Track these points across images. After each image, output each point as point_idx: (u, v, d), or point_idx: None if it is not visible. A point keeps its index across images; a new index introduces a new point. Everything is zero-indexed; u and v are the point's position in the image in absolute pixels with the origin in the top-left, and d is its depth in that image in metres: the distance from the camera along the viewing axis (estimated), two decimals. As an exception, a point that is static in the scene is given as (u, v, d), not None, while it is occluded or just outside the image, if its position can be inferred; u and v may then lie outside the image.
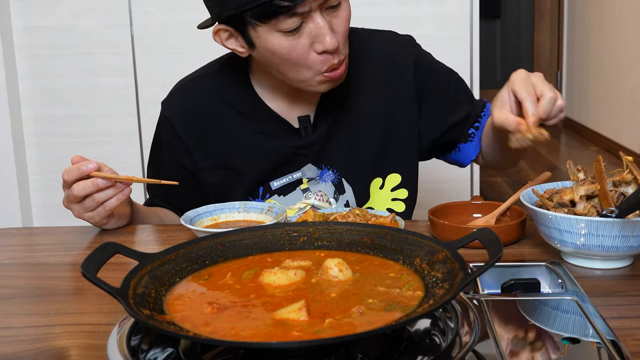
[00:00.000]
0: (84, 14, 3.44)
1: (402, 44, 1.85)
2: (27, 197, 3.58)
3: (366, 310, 0.98)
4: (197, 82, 1.84)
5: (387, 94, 1.81)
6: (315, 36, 1.58)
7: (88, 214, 1.64)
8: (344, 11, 1.61)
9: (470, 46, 3.40)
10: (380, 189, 1.83)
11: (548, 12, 7.61)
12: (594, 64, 6.63)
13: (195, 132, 1.79)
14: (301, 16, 1.54)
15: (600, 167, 1.32)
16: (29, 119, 3.53)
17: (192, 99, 1.81)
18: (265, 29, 1.56)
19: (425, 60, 1.86)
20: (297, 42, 1.57)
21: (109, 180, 1.62)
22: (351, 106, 1.80)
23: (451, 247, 1.09)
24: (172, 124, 1.80)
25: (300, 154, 1.79)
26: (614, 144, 6.06)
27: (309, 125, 1.79)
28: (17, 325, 1.20)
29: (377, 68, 1.82)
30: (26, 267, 1.53)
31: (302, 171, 1.80)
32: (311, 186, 1.80)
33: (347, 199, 1.82)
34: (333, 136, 1.79)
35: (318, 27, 1.57)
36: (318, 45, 1.58)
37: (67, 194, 1.63)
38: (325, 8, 1.57)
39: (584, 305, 1.14)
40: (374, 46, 1.84)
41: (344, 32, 1.62)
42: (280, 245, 1.25)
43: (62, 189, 1.65)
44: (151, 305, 1.01)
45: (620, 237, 1.28)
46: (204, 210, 1.65)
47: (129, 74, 3.49)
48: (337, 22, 1.60)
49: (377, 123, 1.81)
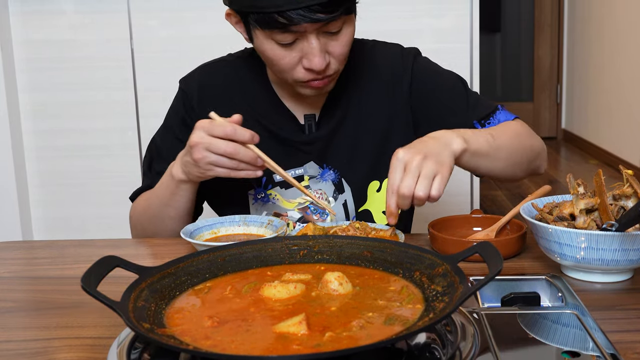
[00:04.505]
0: (84, 28, 3.44)
1: (404, 55, 1.86)
2: (27, 210, 3.58)
3: (366, 324, 0.98)
4: (216, 66, 1.91)
5: (388, 100, 1.84)
6: (305, 53, 1.62)
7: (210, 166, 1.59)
8: (345, 36, 1.64)
9: (470, 59, 3.41)
10: (377, 192, 1.86)
11: (548, 26, 7.62)
12: (594, 77, 6.63)
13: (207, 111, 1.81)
14: (296, 34, 1.59)
15: (600, 181, 1.32)
16: (29, 132, 3.53)
17: (210, 79, 1.88)
18: (262, 34, 1.62)
19: (422, 69, 1.86)
20: (288, 54, 1.63)
21: (263, 161, 1.60)
22: (355, 109, 1.84)
23: (451, 260, 1.09)
24: (190, 98, 1.86)
25: (303, 151, 1.83)
26: (614, 157, 6.06)
27: (314, 123, 1.83)
28: (17, 339, 1.20)
29: (381, 76, 1.85)
30: (26, 281, 1.53)
31: (304, 168, 1.84)
32: (312, 184, 1.84)
33: (345, 199, 1.85)
34: (336, 136, 1.84)
35: (310, 47, 1.61)
36: (306, 62, 1.63)
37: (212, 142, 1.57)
38: (324, 31, 1.60)
39: (584, 319, 1.14)
40: (379, 55, 1.87)
41: (340, 54, 1.66)
42: (280, 258, 1.25)
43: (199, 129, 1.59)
44: (151, 318, 1.01)
45: (620, 251, 1.28)
46: (204, 224, 1.65)
47: (129, 88, 3.49)
48: (333, 44, 1.64)
49: (377, 128, 1.84)
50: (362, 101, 1.84)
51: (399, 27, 3.38)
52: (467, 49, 3.41)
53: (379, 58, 1.87)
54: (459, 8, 3.39)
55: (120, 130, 3.53)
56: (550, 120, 7.74)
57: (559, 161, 6.81)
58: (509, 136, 1.72)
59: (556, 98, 7.70)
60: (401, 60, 1.85)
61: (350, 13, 1.63)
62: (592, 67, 6.68)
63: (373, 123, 1.84)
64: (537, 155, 1.81)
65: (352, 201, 1.85)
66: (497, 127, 1.76)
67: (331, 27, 1.60)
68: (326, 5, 1.54)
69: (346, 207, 1.85)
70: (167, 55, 3.44)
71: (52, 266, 1.59)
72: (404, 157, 1.47)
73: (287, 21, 1.54)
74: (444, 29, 3.40)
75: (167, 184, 1.75)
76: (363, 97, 1.84)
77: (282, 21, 1.55)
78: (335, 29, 1.61)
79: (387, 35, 1.94)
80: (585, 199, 1.36)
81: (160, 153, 1.88)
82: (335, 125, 1.83)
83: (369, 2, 3.34)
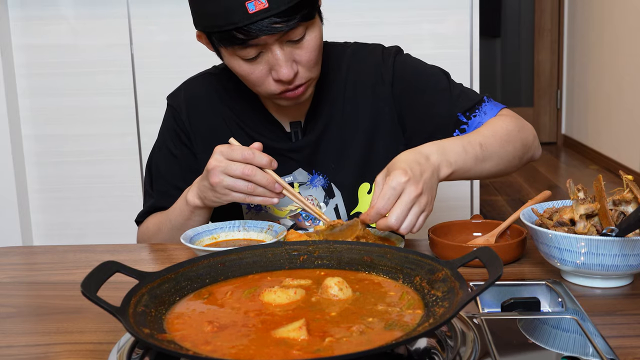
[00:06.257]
0: (84, 33, 3.45)
1: (384, 55, 1.85)
2: (27, 216, 3.58)
3: (366, 329, 0.98)
4: (202, 78, 1.92)
5: (371, 101, 1.84)
6: (272, 65, 1.62)
7: (227, 190, 1.59)
8: (310, 42, 1.63)
9: (470, 65, 3.41)
10: (368, 194, 1.86)
11: (548, 31, 7.62)
12: (594, 82, 6.64)
13: (197, 123, 1.85)
14: (259, 47, 1.59)
15: (600, 186, 1.32)
16: (29, 138, 3.53)
17: (196, 92, 1.89)
18: (226, 52, 1.63)
19: (403, 66, 1.84)
20: (255, 68, 1.63)
21: (280, 186, 1.60)
22: (339, 113, 1.84)
23: (451, 265, 1.09)
24: (179, 113, 1.87)
25: (291, 158, 1.83)
26: (614, 162, 6.06)
27: (300, 130, 1.83)
28: (17, 344, 1.20)
29: (362, 78, 1.84)
30: (26, 286, 1.53)
31: (294, 175, 1.84)
32: (302, 190, 1.84)
33: (336, 203, 1.85)
34: (322, 142, 1.83)
35: (275, 58, 1.60)
36: (274, 73, 1.63)
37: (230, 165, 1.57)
38: (286, 41, 1.60)
39: (584, 324, 1.14)
40: (360, 58, 1.86)
41: (307, 61, 1.64)
42: (280, 264, 1.25)
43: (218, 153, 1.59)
44: (151, 324, 1.01)
45: (620, 256, 1.28)
46: (204, 229, 1.65)
47: (129, 93, 3.49)
48: (299, 52, 1.63)
49: (363, 130, 1.84)
50: (346, 104, 1.84)
51: (398, 32, 3.38)
52: (467, 55, 3.41)
53: (360, 60, 1.86)
54: (459, 13, 3.39)
55: (120, 136, 3.53)
56: (550, 126, 7.74)
57: (559, 166, 6.81)
58: (499, 141, 1.68)
59: (556, 103, 7.70)
60: (382, 60, 1.84)
61: (311, 19, 1.61)
62: (592, 72, 6.68)
63: (358, 125, 1.84)
64: (529, 148, 1.78)
65: (343, 205, 1.86)
66: (486, 130, 1.70)
67: (292, 35, 1.59)
68: (281, 15, 1.53)
69: (337, 211, 1.86)
70: (167, 60, 3.45)
71: (52, 271, 1.59)
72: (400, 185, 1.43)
73: (245, 36, 1.54)
74: (444, 35, 3.41)
75: (180, 209, 1.74)
76: (346, 101, 1.84)
77: (241, 37, 1.55)
78: (297, 36, 1.60)
79: (386, 41, 1.94)
80: (585, 204, 1.36)
81: (159, 171, 1.89)
82: (321, 130, 1.83)
83: (367, 8, 3.37)
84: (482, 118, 1.77)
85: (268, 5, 1.52)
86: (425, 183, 1.46)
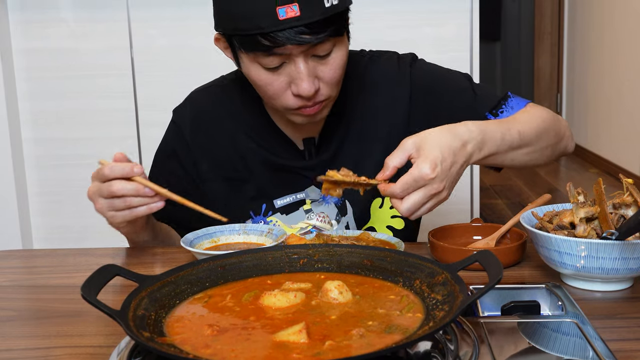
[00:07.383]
0: (84, 37, 3.45)
1: (400, 64, 1.81)
2: (27, 219, 3.58)
3: (366, 333, 0.98)
4: (209, 91, 1.85)
5: (388, 115, 1.79)
6: (293, 78, 1.56)
7: (112, 212, 1.56)
8: (336, 59, 1.58)
9: (470, 68, 3.41)
10: (380, 208, 1.83)
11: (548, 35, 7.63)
12: (594, 86, 6.64)
13: (202, 141, 1.79)
14: (282, 57, 1.53)
15: (600, 190, 1.32)
16: (29, 141, 3.53)
17: (203, 107, 1.82)
18: (247, 57, 1.57)
19: (420, 74, 1.80)
20: (275, 79, 1.57)
21: (152, 190, 1.53)
22: (355, 130, 1.79)
23: (451, 269, 1.09)
24: (182, 130, 1.80)
25: (304, 175, 1.79)
26: (614, 166, 6.06)
27: (313, 147, 1.79)
28: (17, 348, 1.20)
29: (379, 91, 1.80)
30: (26, 290, 1.53)
31: (306, 192, 1.80)
32: (314, 207, 1.80)
33: (347, 221, 1.81)
34: (337, 159, 1.78)
35: (297, 71, 1.54)
36: (294, 87, 1.57)
37: (100, 187, 1.54)
38: (312, 55, 1.55)
39: (584, 328, 1.14)
40: (375, 69, 1.81)
41: (331, 78, 1.59)
42: (280, 267, 1.25)
43: (92, 179, 1.57)
44: (151, 327, 1.01)
45: (620, 260, 1.28)
46: (204, 233, 1.65)
47: (129, 97, 3.49)
48: (323, 69, 1.57)
49: (379, 146, 1.78)
50: (362, 120, 1.79)
51: (399, 36, 3.38)
52: (467, 58, 3.41)
53: (376, 72, 1.81)
54: (459, 17, 3.39)
55: (120, 139, 3.52)
56: (550, 129, 7.73)
57: (559, 170, 6.81)
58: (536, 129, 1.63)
59: (556, 107, 7.70)
60: (397, 70, 1.80)
61: (340, 35, 1.57)
62: (592, 76, 6.68)
63: (374, 141, 1.79)
64: (562, 138, 1.74)
65: (354, 223, 1.81)
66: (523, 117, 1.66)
67: (319, 50, 1.54)
68: (312, 26, 1.48)
69: (348, 228, 1.81)
70: (167, 64, 3.45)
71: (52, 275, 1.59)
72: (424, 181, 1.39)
73: (271, 43, 1.49)
74: (444, 38, 3.41)
75: None
76: (362, 116, 1.79)
77: (266, 43, 1.49)
78: (324, 52, 1.55)
79: (387, 44, 1.94)
80: (585, 208, 1.36)
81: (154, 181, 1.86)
82: (335, 148, 1.78)
83: (368, 11, 3.37)
84: (509, 113, 1.73)
85: (300, 14, 1.46)
86: (450, 178, 1.43)
